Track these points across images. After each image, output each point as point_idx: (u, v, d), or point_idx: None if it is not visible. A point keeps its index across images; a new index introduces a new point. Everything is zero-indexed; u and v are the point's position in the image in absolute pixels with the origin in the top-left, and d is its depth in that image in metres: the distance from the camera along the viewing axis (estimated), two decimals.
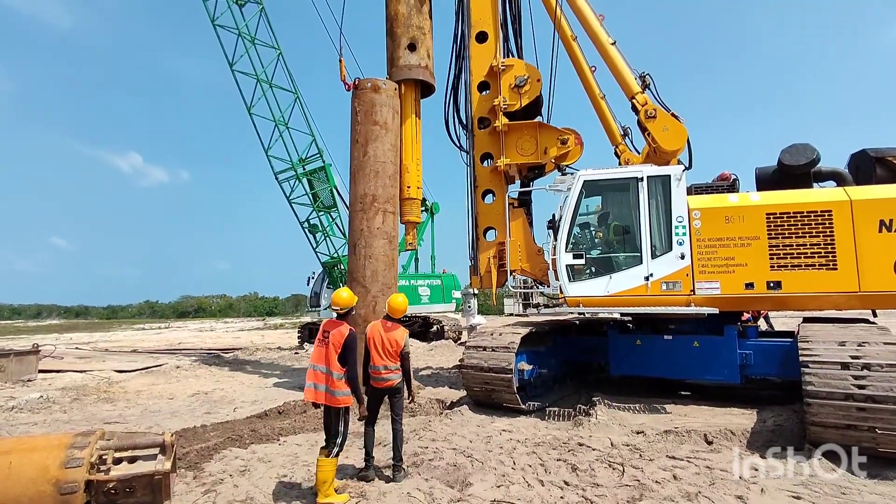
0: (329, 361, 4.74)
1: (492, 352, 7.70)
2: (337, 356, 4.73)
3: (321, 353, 4.81)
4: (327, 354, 4.76)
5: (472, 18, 10.37)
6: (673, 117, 8.62)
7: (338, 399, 4.69)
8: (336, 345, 4.75)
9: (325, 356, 4.78)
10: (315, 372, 4.78)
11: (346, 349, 4.75)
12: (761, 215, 7.13)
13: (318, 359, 4.82)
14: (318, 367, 4.78)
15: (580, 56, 10.27)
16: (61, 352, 20.23)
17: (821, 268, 6.85)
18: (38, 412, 9.23)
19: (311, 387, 4.77)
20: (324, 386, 4.72)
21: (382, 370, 5.16)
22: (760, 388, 8.70)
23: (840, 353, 5.56)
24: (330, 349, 4.75)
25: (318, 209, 18.16)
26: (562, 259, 7.91)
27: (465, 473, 5.24)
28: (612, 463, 5.42)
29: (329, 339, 4.79)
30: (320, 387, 4.73)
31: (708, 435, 6.10)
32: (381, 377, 5.17)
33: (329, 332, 4.82)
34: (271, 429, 7.10)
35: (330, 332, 4.81)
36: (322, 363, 4.77)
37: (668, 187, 7.60)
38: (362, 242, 9.56)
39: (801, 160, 7.68)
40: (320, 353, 4.82)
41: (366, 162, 9.73)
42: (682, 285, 7.36)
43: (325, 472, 4.61)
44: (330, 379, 4.70)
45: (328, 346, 4.77)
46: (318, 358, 4.82)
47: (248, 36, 16.43)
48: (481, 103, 10.27)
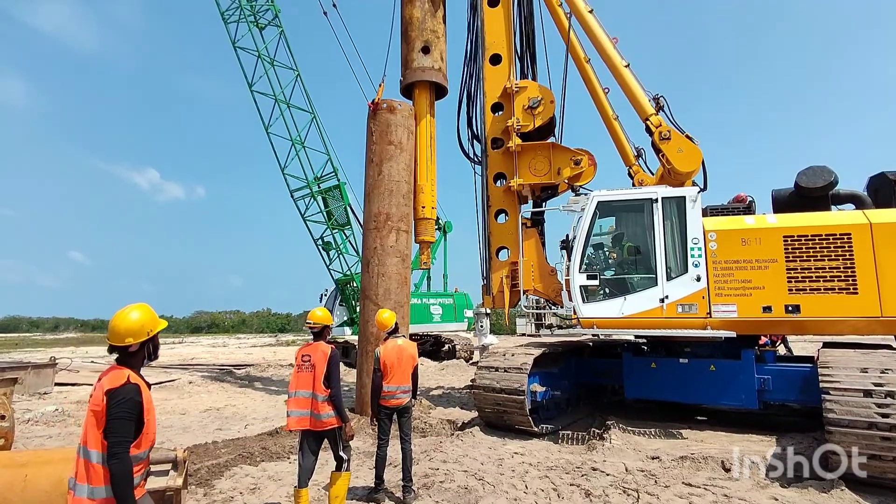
0: (314, 385, 4.50)
1: (504, 372, 7.63)
2: (323, 377, 4.50)
3: (302, 378, 4.57)
4: (313, 378, 4.52)
5: (486, 41, 10.55)
6: (687, 139, 8.62)
7: (324, 422, 4.47)
8: (319, 365, 4.53)
9: (308, 380, 4.54)
10: (297, 399, 4.55)
11: (332, 366, 4.54)
12: (778, 238, 7.05)
13: (299, 385, 4.57)
14: (301, 393, 4.54)
15: (593, 78, 10.35)
16: (77, 365, 20.48)
17: (841, 291, 6.73)
18: (54, 425, 9.32)
19: (296, 415, 4.53)
20: (308, 411, 4.50)
21: (397, 390, 5.21)
22: (779, 415, 8.49)
23: (862, 380, 5.42)
24: (315, 372, 4.52)
25: (332, 227, 18.35)
26: (575, 280, 7.87)
27: (477, 497, 5.17)
28: (626, 489, 5.30)
29: (311, 361, 4.57)
30: (304, 412, 4.51)
31: (725, 462, 5.95)
32: (394, 396, 5.22)
33: (309, 355, 4.60)
34: (282, 447, 7.08)
35: (311, 356, 4.59)
36: (305, 388, 4.53)
37: (683, 209, 7.57)
38: (375, 260, 9.61)
39: (818, 182, 7.61)
40: (301, 378, 4.57)
41: (380, 181, 9.84)
42: (699, 308, 7.27)
43: (339, 487, 4.53)
44: (315, 403, 4.48)
45: (313, 370, 4.54)
46: (300, 384, 4.57)
47: (267, 58, 16.90)
48: (495, 124, 10.37)
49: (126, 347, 2.59)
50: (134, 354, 2.64)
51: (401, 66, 10.98)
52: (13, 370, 11.38)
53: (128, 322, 2.59)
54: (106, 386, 2.49)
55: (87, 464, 2.43)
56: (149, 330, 2.65)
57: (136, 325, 2.61)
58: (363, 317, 9.57)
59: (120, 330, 2.57)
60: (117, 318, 2.60)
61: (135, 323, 2.61)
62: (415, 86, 10.73)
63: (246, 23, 16.61)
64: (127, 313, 2.62)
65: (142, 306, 2.69)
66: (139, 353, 2.67)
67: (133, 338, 2.59)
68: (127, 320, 2.59)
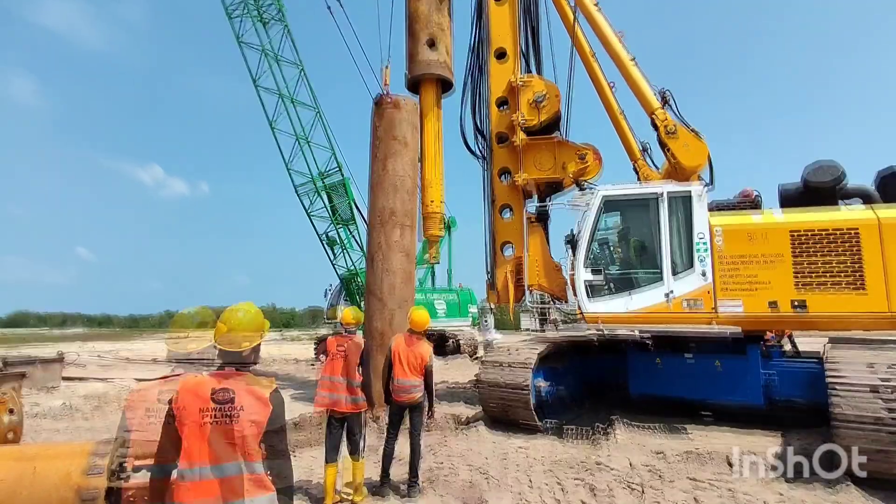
0: (349, 372, 5.06)
1: (509, 368, 7.63)
2: (357, 366, 5.09)
3: (338, 366, 5.11)
4: (346, 366, 5.07)
5: (491, 36, 10.50)
6: (693, 134, 8.56)
7: (359, 405, 5.13)
8: (353, 356, 5.12)
9: (342, 368, 5.09)
10: (333, 383, 5.08)
11: (364, 357, 5.18)
12: (785, 233, 7.01)
13: (335, 371, 5.11)
14: (337, 379, 5.08)
15: (599, 72, 10.29)
16: (84, 360, 20.64)
17: (847, 287, 6.68)
18: (61, 419, 9.40)
19: (332, 398, 5.07)
20: (345, 395, 5.04)
21: (406, 384, 5.19)
22: (785, 411, 8.44)
23: (870, 377, 5.39)
24: (348, 360, 5.08)
25: (336, 223, 18.35)
26: (580, 276, 7.85)
27: (481, 492, 5.18)
28: (631, 484, 5.30)
29: (345, 351, 5.13)
30: (341, 396, 5.05)
31: (730, 458, 5.94)
32: (404, 391, 5.20)
33: (343, 345, 5.17)
34: None
35: (345, 346, 5.16)
36: (340, 374, 5.08)
37: (690, 204, 7.53)
38: (380, 256, 9.61)
39: (825, 178, 7.54)
40: (337, 365, 5.11)
41: (385, 177, 9.82)
42: (704, 304, 7.23)
43: (360, 474, 5.14)
44: (351, 388, 5.06)
45: (345, 358, 5.10)
46: (336, 370, 5.11)
47: (271, 53, 16.86)
48: (500, 119, 10.34)
49: (241, 352, 2.41)
50: (248, 357, 2.47)
51: (406, 60, 10.93)
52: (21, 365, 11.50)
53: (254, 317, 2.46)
54: (258, 393, 2.32)
55: (255, 478, 2.27)
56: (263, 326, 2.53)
57: (258, 321, 2.47)
58: (368, 313, 9.58)
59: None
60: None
61: (256, 317, 2.46)
62: (421, 80, 10.68)
63: (250, 18, 16.58)
64: (238, 308, 2.47)
65: (249, 305, 2.53)
66: (253, 356, 2.50)
67: (252, 341, 2.45)
68: (254, 314, 2.47)
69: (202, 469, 2.20)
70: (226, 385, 2.29)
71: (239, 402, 2.26)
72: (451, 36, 10.95)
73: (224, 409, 2.24)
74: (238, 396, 2.27)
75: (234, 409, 2.24)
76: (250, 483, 2.24)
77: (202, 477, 2.20)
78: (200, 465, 2.20)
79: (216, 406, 2.24)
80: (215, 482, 2.20)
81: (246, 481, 2.23)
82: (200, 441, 2.21)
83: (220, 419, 2.23)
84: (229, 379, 2.33)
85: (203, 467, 2.20)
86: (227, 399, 2.25)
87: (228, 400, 2.25)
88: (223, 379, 2.32)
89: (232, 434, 2.22)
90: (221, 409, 2.23)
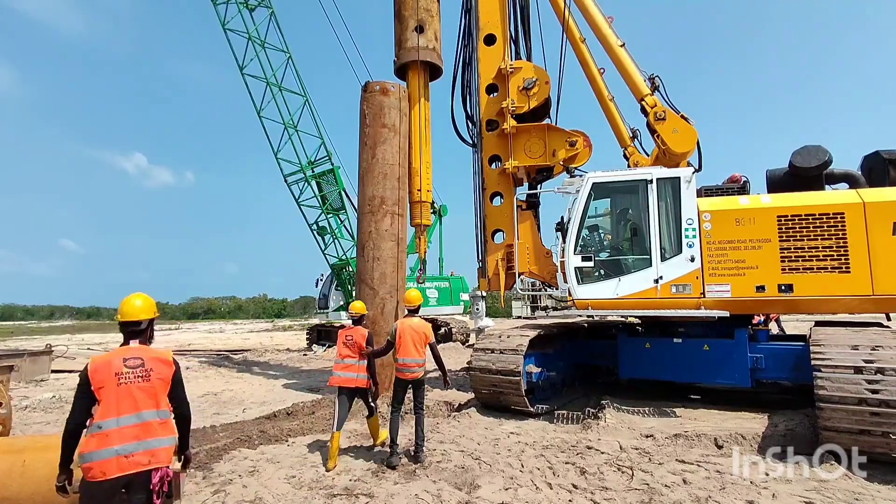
0: (359, 355, 6.05)
1: (500, 354, 7.68)
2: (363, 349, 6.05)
3: (349, 350, 6.08)
4: (355, 350, 6.06)
5: (480, 21, 10.38)
6: (682, 119, 8.57)
7: (367, 381, 6.10)
8: (360, 341, 6.07)
9: (353, 351, 6.06)
10: (346, 364, 6.07)
11: (369, 343, 6.12)
12: (772, 217, 7.07)
13: (347, 354, 6.08)
14: (349, 360, 6.07)
15: (589, 58, 10.23)
16: (73, 352, 20.49)
17: (833, 270, 6.78)
18: (51, 411, 9.35)
19: (340, 375, 6.04)
20: (355, 374, 6.01)
21: (411, 363, 5.83)
22: (771, 392, 8.60)
23: (853, 357, 5.49)
24: (356, 345, 6.06)
25: (326, 211, 18.26)
26: (570, 261, 7.88)
27: (473, 476, 5.24)
28: (620, 466, 5.38)
29: (354, 339, 6.09)
30: (352, 374, 6.02)
31: (718, 439, 6.05)
32: (409, 369, 5.83)
33: (352, 335, 6.13)
34: (280, 430, 7.13)
35: (353, 336, 6.12)
36: (352, 357, 6.06)
37: (678, 189, 7.56)
38: (371, 245, 9.59)
39: (812, 162, 7.60)
40: (348, 349, 6.09)
41: (374, 164, 9.76)
42: (692, 288, 7.31)
43: (375, 426, 6.36)
44: (361, 367, 6.05)
45: (355, 344, 6.08)
46: (347, 354, 6.08)
47: (258, 40, 16.60)
48: (489, 106, 10.27)
49: (139, 324, 3.06)
50: (144, 332, 3.11)
51: (394, 45, 10.78)
52: (10, 358, 11.39)
53: (140, 300, 3.10)
54: (163, 357, 3.06)
55: (160, 423, 2.96)
56: (155, 309, 3.20)
57: (147, 304, 3.14)
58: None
59: (135, 308, 3.06)
60: (129, 300, 3.08)
61: (146, 301, 3.14)
62: (409, 66, 10.55)
63: (236, 4, 16.27)
64: (135, 296, 3.12)
65: (142, 294, 3.19)
66: (148, 331, 3.15)
67: (145, 314, 3.09)
68: (139, 299, 3.11)
69: (126, 418, 2.83)
70: (133, 354, 2.97)
71: (148, 365, 2.96)
72: (439, 21, 10.82)
73: (136, 371, 2.92)
74: (146, 362, 2.97)
75: (145, 370, 2.94)
76: (160, 426, 2.95)
77: (123, 424, 2.82)
78: (122, 416, 2.83)
79: (128, 370, 2.90)
80: (136, 427, 2.85)
81: (157, 425, 2.93)
82: (120, 397, 2.84)
83: (133, 379, 2.90)
84: (134, 349, 3.01)
85: (124, 416, 2.83)
86: (138, 364, 2.94)
87: (139, 364, 2.94)
88: (130, 350, 3.00)
89: (146, 389, 2.92)
90: (134, 372, 2.91)
